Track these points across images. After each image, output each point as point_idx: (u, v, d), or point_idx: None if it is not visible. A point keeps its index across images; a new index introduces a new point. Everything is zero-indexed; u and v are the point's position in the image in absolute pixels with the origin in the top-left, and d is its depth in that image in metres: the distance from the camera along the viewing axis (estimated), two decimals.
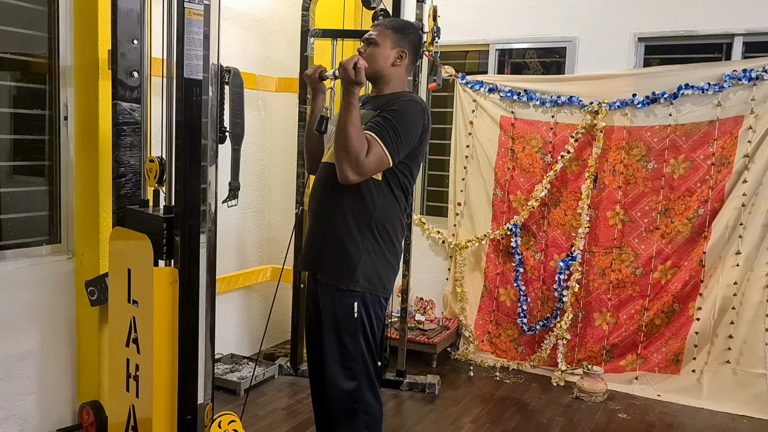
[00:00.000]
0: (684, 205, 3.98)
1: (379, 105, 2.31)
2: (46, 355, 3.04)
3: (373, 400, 2.37)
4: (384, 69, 2.36)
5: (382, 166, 2.22)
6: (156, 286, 2.15)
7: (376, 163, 2.18)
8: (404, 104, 2.27)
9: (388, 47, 2.35)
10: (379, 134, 2.19)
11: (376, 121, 2.23)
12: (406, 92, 2.41)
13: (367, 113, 2.30)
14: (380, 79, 2.38)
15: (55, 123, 3.06)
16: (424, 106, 2.34)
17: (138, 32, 2.54)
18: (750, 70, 3.76)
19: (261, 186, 4.44)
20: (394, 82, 2.39)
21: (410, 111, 2.27)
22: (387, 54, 2.35)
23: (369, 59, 2.32)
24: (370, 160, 2.16)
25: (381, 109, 2.27)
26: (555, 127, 4.29)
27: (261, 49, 4.27)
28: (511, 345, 4.50)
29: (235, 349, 4.30)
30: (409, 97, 2.33)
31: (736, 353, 3.85)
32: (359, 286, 2.29)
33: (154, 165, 2.33)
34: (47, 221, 3.11)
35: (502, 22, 4.50)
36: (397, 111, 2.24)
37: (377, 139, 2.19)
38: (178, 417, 2.21)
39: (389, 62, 2.35)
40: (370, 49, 2.35)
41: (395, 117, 2.23)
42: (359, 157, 2.13)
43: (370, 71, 2.33)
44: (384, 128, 2.21)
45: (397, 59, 2.37)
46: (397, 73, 2.38)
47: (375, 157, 2.17)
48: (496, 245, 4.53)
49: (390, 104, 2.27)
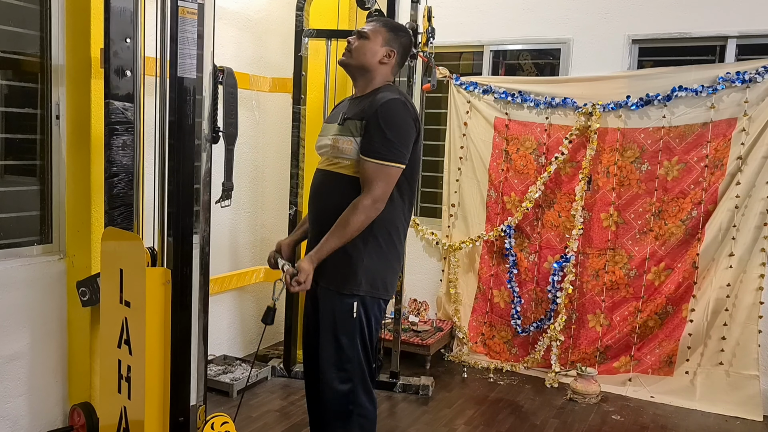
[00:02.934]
0: (677, 207, 3.99)
1: (361, 109, 2.28)
2: (36, 356, 3.01)
3: (368, 402, 2.37)
4: (370, 64, 2.34)
5: (393, 178, 2.24)
6: (148, 287, 2.13)
7: (385, 183, 2.22)
8: (387, 109, 2.23)
9: (378, 43, 2.34)
10: (374, 154, 2.20)
11: (368, 139, 2.22)
12: (385, 86, 2.36)
13: (353, 123, 2.28)
14: (365, 75, 2.36)
15: (47, 122, 3.04)
16: (405, 100, 2.30)
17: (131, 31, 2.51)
18: (743, 72, 3.77)
19: (254, 186, 4.42)
20: (377, 80, 2.37)
21: (395, 113, 2.24)
22: (376, 50, 2.34)
23: (357, 51, 2.33)
24: (377, 188, 2.20)
25: (365, 117, 2.24)
26: (549, 128, 4.30)
27: (255, 49, 4.26)
28: (504, 347, 4.49)
29: (228, 351, 4.28)
30: (388, 97, 2.26)
31: (729, 355, 3.86)
32: (361, 290, 2.29)
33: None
34: (38, 221, 3.08)
35: (496, 24, 4.50)
36: (383, 119, 2.21)
37: (376, 162, 2.20)
38: (171, 419, 2.19)
39: (377, 58, 2.34)
40: (361, 42, 2.35)
41: (384, 125, 2.21)
42: (367, 212, 2.20)
43: (356, 63, 2.34)
44: (378, 143, 2.20)
45: (385, 57, 2.35)
46: (381, 71, 2.37)
47: (381, 180, 2.20)
48: (490, 247, 4.53)
49: (372, 111, 2.23)
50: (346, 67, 2.41)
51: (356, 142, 2.25)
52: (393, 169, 2.22)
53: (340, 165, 2.30)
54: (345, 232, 2.20)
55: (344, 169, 2.29)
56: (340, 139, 2.29)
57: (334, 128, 2.35)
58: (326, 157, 2.37)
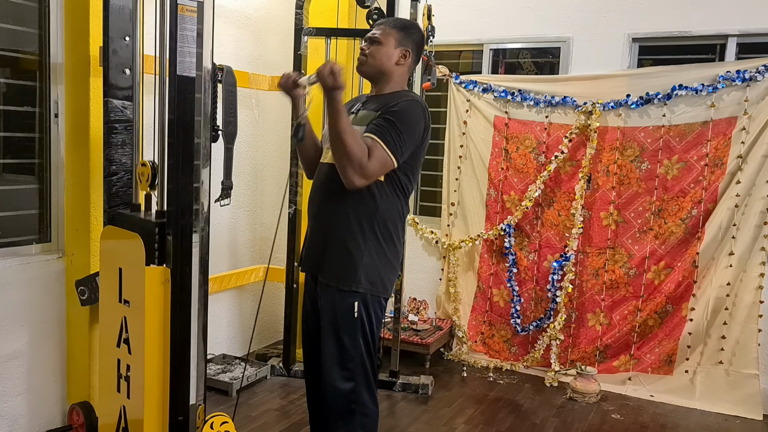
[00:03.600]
0: (677, 206, 3.99)
1: (380, 105, 2.29)
2: (35, 355, 3.01)
3: (370, 402, 2.37)
4: (387, 67, 2.35)
5: (386, 168, 2.22)
6: (148, 286, 2.12)
7: (380, 165, 2.19)
8: (405, 104, 2.26)
9: (392, 46, 2.34)
10: (381, 136, 2.19)
11: (378, 123, 2.22)
12: (405, 91, 2.40)
13: (368, 114, 2.29)
14: (382, 78, 2.37)
15: (46, 120, 3.02)
16: (425, 106, 2.33)
17: (130, 29, 2.51)
18: (743, 71, 3.77)
19: (254, 185, 4.41)
20: (395, 82, 2.38)
21: (411, 111, 2.26)
22: (391, 53, 2.34)
23: (372, 58, 2.33)
24: (373, 164, 2.16)
25: (382, 110, 2.26)
26: (549, 127, 4.29)
27: (254, 47, 4.25)
28: (504, 345, 4.49)
29: (227, 350, 4.27)
30: (409, 97, 2.32)
31: (729, 354, 3.86)
32: (361, 287, 2.28)
33: (146, 169, 2.31)
34: (37, 220, 3.07)
35: (496, 22, 4.49)
36: (398, 112, 2.23)
37: (379, 142, 2.18)
38: (170, 418, 2.19)
39: (393, 61, 2.35)
40: (374, 48, 2.34)
41: (397, 118, 2.22)
42: (362, 162, 2.13)
43: (373, 69, 2.35)
44: (386, 130, 2.20)
45: (401, 58, 2.36)
46: (399, 72, 2.38)
47: (378, 160, 2.17)
48: (489, 245, 4.52)
49: (391, 105, 2.26)
50: (364, 74, 2.42)
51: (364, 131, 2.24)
52: (389, 159, 2.20)
53: None
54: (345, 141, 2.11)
55: None
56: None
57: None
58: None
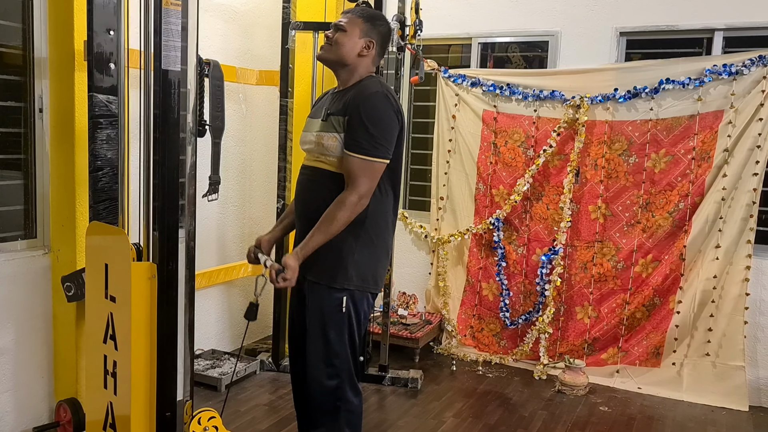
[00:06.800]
0: (665, 200, 4.01)
1: (344, 104, 2.26)
2: (21, 351, 2.99)
3: (354, 397, 2.36)
4: (350, 58, 2.31)
5: (378, 172, 2.23)
6: (134, 282, 2.11)
7: (370, 178, 2.21)
8: (369, 103, 2.22)
9: (356, 36, 2.31)
10: (360, 150, 2.19)
11: (352, 136, 2.20)
12: (368, 79, 2.34)
13: (337, 119, 2.26)
14: (345, 68, 2.34)
15: (30, 115, 3.00)
16: (387, 92, 2.28)
17: (114, 23, 2.48)
18: (730, 65, 3.78)
19: (242, 180, 4.40)
20: (359, 73, 2.34)
21: (377, 107, 2.22)
22: (354, 42, 2.31)
23: (335, 45, 2.30)
24: (363, 182, 2.19)
25: (348, 112, 2.23)
26: (537, 121, 4.30)
27: (241, 41, 4.22)
28: (493, 339, 4.50)
29: (216, 345, 4.26)
30: (370, 91, 2.26)
31: (716, 346, 3.89)
32: (351, 284, 2.28)
33: None
34: (22, 216, 3.05)
35: (484, 16, 4.49)
36: (365, 113, 2.20)
37: (360, 157, 2.19)
38: (157, 414, 2.18)
39: (356, 51, 2.31)
40: (338, 35, 2.32)
41: (367, 120, 2.19)
42: (354, 205, 2.19)
43: (335, 57, 2.32)
44: (362, 139, 2.19)
45: (364, 49, 2.32)
46: (362, 63, 2.34)
47: (366, 175, 2.19)
48: (478, 239, 4.53)
49: (355, 106, 2.22)
50: (325, 62, 2.38)
51: (340, 138, 2.23)
52: (377, 164, 2.21)
53: (325, 161, 2.29)
54: (330, 228, 2.19)
55: (329, 166, 2.28)
56: (324, 135, 2.27)
57: (318, 124, 2.33)
58: (311, 153, 2.36)
